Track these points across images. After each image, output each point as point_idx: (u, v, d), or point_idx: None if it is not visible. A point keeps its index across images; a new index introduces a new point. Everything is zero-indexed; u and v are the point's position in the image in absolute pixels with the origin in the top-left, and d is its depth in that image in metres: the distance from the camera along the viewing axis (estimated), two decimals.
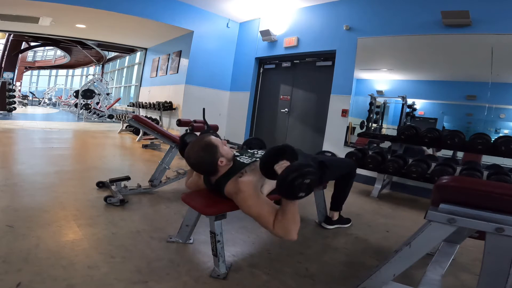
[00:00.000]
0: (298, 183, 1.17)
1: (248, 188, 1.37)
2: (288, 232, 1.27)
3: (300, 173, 1.18)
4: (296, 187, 1.18)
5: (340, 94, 4.33)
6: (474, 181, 1.16)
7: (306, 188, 1.21)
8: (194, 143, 1.48)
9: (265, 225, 1.32)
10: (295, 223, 1.28)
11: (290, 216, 1.28)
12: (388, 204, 3.02)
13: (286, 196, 1.24)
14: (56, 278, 1.25)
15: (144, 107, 7.32)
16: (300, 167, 1.20)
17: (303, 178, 1.18)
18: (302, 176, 1.18)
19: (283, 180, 1.19)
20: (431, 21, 3.49)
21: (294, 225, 1.28)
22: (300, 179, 1.18)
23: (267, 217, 1.32)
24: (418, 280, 1.36)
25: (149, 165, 3.77)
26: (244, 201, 1.36)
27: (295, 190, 1.19)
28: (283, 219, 1.28)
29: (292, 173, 1.18)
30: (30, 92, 20.03)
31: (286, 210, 1.28)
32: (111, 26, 6.44)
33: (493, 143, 2.69)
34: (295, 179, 1.17)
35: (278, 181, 1.21)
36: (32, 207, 2.00)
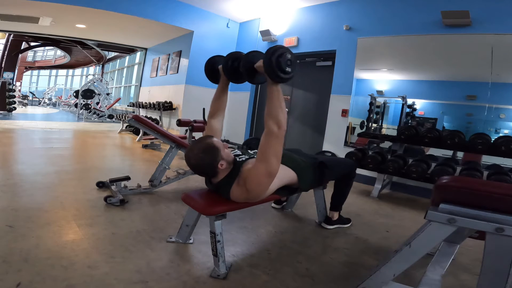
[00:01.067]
0: (282, 58, 1.29)
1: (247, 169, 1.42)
2: (278, 119, 1.33)
3: (281, 49, 1.30)
4: (281, 62, 1.29)
5: (340, 94, 4.33)
6: (474, 181, 1.16)
7: (291, 64, 1.32)
8: (194, 145, 1.48)
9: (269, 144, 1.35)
10: (282, 110, 1.35)
11: (277, 103, 1.34)
12: (388, 204, 3.02)
13: (275, 73, 1.30)
14: (56, 278, 1.25)
15: (144, 107, 7.33)
16: (278, 47, 1.31)
17: (285, 52, 1.30)
18: (283, 50, 1.30)
19: (269, 58, 1.28)
20: (431, 21, 3.49)
21: (282, 113, 1.34)
22: (283, 53, 1.29)
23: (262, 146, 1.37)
24: (418, 280, 1.36)
25: (149, 165, 3.77)
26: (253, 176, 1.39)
27: (281, 64, 1.29)
28: (272, 109, 1.34)
29: (275, 51, 1.28)
30: (30, 92, 20.02)
31: (273, 98, 1.35)
32: (111, 26, 6.44)
33: (493, 143, 2.69)
34: (279, 55, 1.28)
35: (264, 62, 1.30)
36: (32, 207, 2.00)
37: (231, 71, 1.62)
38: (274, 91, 1.35)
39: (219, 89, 1.76)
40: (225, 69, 1.63)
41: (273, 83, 1.35)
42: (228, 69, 1.62)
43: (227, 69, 1.62)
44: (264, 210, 2.39)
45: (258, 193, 1.43)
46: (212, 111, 1.75)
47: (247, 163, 1.50)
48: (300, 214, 2.42)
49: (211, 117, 1.75)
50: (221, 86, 1.75)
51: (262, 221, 2.18)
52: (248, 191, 1.41)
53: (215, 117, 1.74)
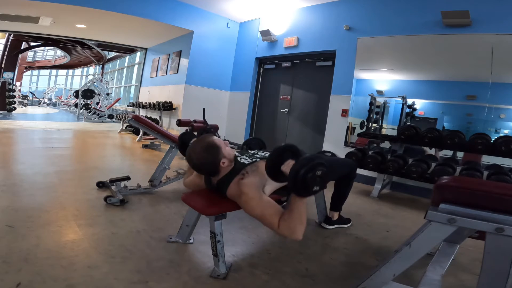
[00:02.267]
0: (310, 176, 1.15)
1: (250, 190, 1.37)
2: (293, 232, 1.25)
3: (310, 166, 1.16)
4: (309, 181, 1.16)
5: (340, 94, 4.33)
6: (474, 181, 1.16)
7: (320, 181, 1.19)
8: (196, 144, 1.47)
9: (269, 225, 1.31)
10: (301, 223, 1.26)
11: (297, 215, 1.25)
12: (388, 204, 3.02)
13: (301, 192, 1.20)
14: (56, 278, 1.25)
15: (144, 107, 7.32)
16: (309, 160, 1.18)
17: (315, 171, 1.17)
18: (313, 168, 1.16)
19: (295, 175, 1.16)
20: (431, 21, 3.49)
21: (300, 225, 1.25)
22: (312, 172, 1.16)
23: (270, 217, 1.30)
24: (418, 280, 1.36)
25: (149, 165, 3.77)
26: (247, 203, 1.36)
27: (308, 184, 1.16)
28: (290, 218, 1.25)
29: (303, 167, 1.15)
30: (30, 92, 20.03)
31: (294, 209, 1.25)
32: (111, 26, 6.43)
33: (493, 143, 2.69)
34: (307, 173, 1.15)
35: (290, 178, 1.18)
36: (32, 207, 2.00)
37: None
38: (298, 203, 1.25)
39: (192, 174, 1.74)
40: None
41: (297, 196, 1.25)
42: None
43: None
44: None
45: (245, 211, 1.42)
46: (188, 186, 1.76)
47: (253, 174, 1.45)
48: None
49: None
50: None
51: None
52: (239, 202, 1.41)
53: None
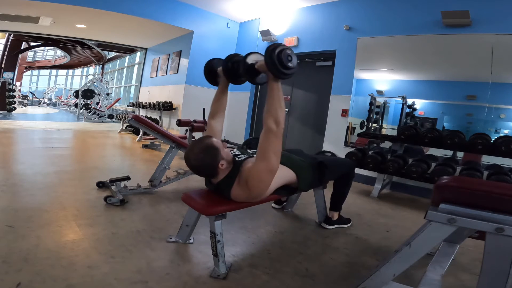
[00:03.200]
0: (283, 54, 1.31)
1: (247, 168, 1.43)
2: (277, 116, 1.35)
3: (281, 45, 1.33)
4: (283, 58, 1.31)
5: (340, 94, 4.33)
6: (474, 181, 1.16)
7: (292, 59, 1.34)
8: (194, 145, 1.48)
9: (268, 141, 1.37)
10: (281, 108, 1.36)
11: (277, 101, 1.36)
12: (388, 204, 3.02)
13: (277, 69, 1.32)
14: (56, 278, 1.25)
15: (144, 107, 7.33)
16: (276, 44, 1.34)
17: (285, 48, 1.33)
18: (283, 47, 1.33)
19: (269, 54, 1.30)
20: (431, 21, 3.49)
21: (281, 111, 1.36)
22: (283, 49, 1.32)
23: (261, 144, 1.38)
24: (418, 280, 1.36)
25: (149, 165, 3.77)
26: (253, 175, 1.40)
27: (282, 60, 1.31)
28: (271, 106, 1.35)
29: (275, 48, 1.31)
30: (30, 92, 20.03)
31: (273, 96, 1.36)
32: (111, 26, 6.44)
33: (493, 143, 2.69)
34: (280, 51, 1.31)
35: (266, 59, 1.32)
36: (32, 207, 2.00)
37: (231, 72, 1.64)
38: (274, 88, 1.37)
39: (219, 91, 1.78)
40: (225, 70, 1.65)
41: (274, 80, 1.37)
42: (229, 70, 1.64)
43: (227, 70, 1.64)
44: (264, 210, 2.39)
45: (260, 191, 1.44)
46: (213, 112, 1.77)
47: (247, 162, 1.50)
48: (300, 214, 2.42)
49: (212, 118, 1.76)
50: (221, 87, 1.78)
51: (262, 221, 2.18)
52: (250, 190, 1.42)
53: (215, 118, 1.76)
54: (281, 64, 1.32)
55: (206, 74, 1.82)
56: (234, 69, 1.64)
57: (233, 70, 1.64)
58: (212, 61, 1.81)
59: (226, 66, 1.64)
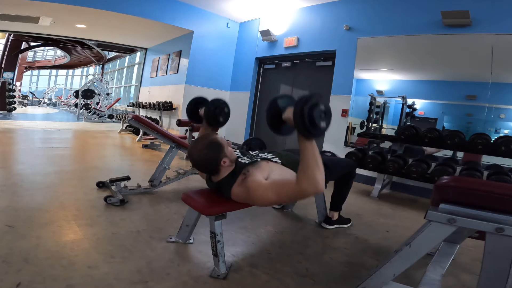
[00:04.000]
0: (316, 111, 1.10)
1: (256, 183, 1.37)
2: (315, 181, 1.15)
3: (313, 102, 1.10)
4: (315, 116, 1.10)
5: (340, 94, 4.33)
6: (474, 181, 1.16)
7: (325, 116, 1.14)
8: (198, 140, 1.48)
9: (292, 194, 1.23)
10: (319, 170, 1.16)
11: (313, 161, 1.15)
12: (388, 204, 3.02)
13: (309, 131, 1.12)
14: (56, 278, 1.25)
15: (144, 107, 7.33)
16: (310, 97, 1.11)
17: (318, 106, 1.11)
18: (316, 104, 1.10)
19: (301, 114, 1.09)
20: (431, 21, 3.49)
21: (319, 172, 1.16)
22: (316, 107, 1.10)
23: (287, 187, 1.24)
24: (418, 280, 1.36)
25: (149, 165, 3.77)
26: (259, 195, 1.35)
27: (315, 119, 1.10)
28: (306, 167, 1.16)
29: (306, 104, 1.09)
30: (30, 92, 20.04)
31: (308, 156, 1.15)
32: (111, 26, 6.44)
33: (493, 143, 2.69)
34: (312, 109, 1.09)
35: (297, 118, 1.11)
36: (32, 207, 2.00)
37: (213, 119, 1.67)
38: (308, 148, 1.17)
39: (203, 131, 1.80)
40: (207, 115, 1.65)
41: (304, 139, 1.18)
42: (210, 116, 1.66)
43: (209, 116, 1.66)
44: (264, 210, 2.39)
45: (258, 204, 1.45)
46: None
47: (254, 171, 1.45)
48: (300, 214, 2.42)
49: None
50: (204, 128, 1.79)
51: (262, 221, 2.18)
52: (251, 200, 1.41)
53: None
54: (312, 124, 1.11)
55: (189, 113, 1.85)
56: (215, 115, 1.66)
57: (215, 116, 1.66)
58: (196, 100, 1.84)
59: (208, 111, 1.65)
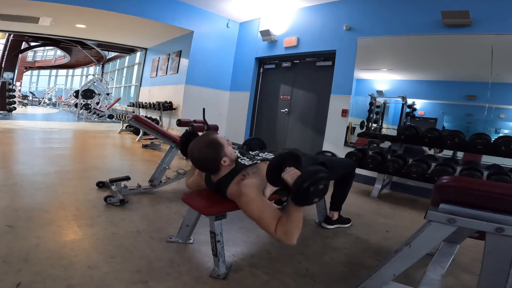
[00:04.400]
0: (313, 189, 1.19)
1: (250, 191, 1.37)
2: (290, 236, 1.26)
3: (314, 180, 1.19)
4: (311, 194, 1.20)
5: (340, 94, 4.33)
6: (474, 181, 1.16)
7: (320, 194, 1.25)
8: (199, 139, 1.48)
9: (266, 228, 1.32)
10: (298, 229, 1.28)
11: (295, 222, 1.27)
12: (388, 204, 3.02)
13: (301, 203, 1.24)
14: (56, 278, 1.25)
15: (144, 107, 7.32)
16: (313, 175, 1.20)
17: (318, 185, 1.21)
18: (316, 183, 1.20)
19: (298, 189, 1.20)
20: (431, 21, 3.49)
21: (297, 231, 1.28)
22: (315, 186, 1.20)
23: (268, 220, 1.31)
24: (418, 280, 1.36)
25: (149, 165, 3.77)
26: (247, 204, 1.36)
27: (310, 197, 1.21)
28: (288, 223, 1.27)
29: (306, 182, 1.19)
30: (30, 92, 20.03)
31: (293, 216, 1.27)
32: (111, 26, 6.43)
33: (493, 143, 2.69)
34: (310, 186, 1.19)
35: (294, 190, 1.22)
36: (32, 207, 2.00)
37: None
38: (296, 211, 1.28)
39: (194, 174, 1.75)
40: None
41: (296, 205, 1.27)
42: None
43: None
44: None
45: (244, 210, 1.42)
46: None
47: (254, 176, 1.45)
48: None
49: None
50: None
51: None
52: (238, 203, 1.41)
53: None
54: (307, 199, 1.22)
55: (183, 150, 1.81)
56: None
57: None
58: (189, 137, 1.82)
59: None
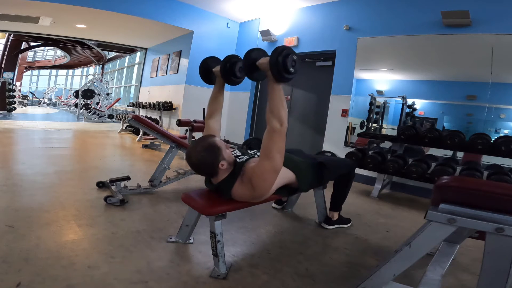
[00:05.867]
0: (288, 59, 1.32)
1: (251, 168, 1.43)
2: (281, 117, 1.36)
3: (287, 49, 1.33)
4: (287, 63, 1.32)
5: (340, 94, 4.33)
6: (474, 181, 1.16)
7: (295, 64, 1.36)
8: (196, 143, 1.48)
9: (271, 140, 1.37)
10: (284, 108, 1.38)
11: (279, 102, 1.37)
12: (388, 204, 3.02)
13: (280, 73, 1.33)
14: (56, 278, 1.25)
15: (144, 107, 7.33)
16: (284, 47, 1.34)
17: (291, 53, 1.34)
18: (289, 51, 1.33)
19: (275, 57, 1.31)
20: (431, 21, 3.49)
21: (283, 111, 1.38)
22: (289, 53, 1.33)
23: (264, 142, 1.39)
24: (418, 280, 1.36)
25: (149, 165, 3.77)
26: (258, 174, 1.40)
27: (287, 65, 1.33)
28: (274, 107, 1.37)
29: (281, 51, 1.32)
30: (30, 92, 20.04)
31: (276, 97, 1.37)
32: (111, 26, 6.44)
33: (493, 143, 2.69)
34: (285, 55, 1.32)
35: (271, 61, 1.33)
36: (32, 207, 2.00)
37: (229, 73, 1.66)
38: (275, 89, 1.38)
39: (216, 90, 1.80)
40: (223, 70, 1.66)
41: (275, 82, 1.38)
42: (226, 71, 1.65)
43: (225, 71, 1.65)
44: (264, 210, 2.39)
45: (263, 190, 1.45)
46: (210, 112, 1.79)
47: (250, 162, 1.51)
48: (300, 214, 2.42)
49: (209, 118, 1.78)
50: (218, 87, 1.79)
51: (262, 221, 2.18)
52: (254, 189, 1.42)
53: (213, 118, 1.78)
54: (285, 69, 1.33)
55: (202, 73, 1.83)
56: (231, 70, 1.66)
57: (231, 71, 1.66)
58: (207, 60, 1.82)
59: (224, 67, 1.65)
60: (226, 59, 1.66)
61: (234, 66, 1.65)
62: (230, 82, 1.71)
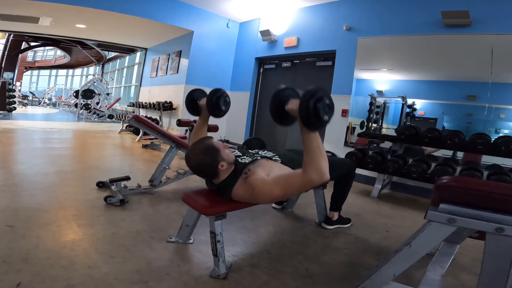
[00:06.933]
0: (321, 105, 1.13)
1: (259, 180, 1.39)
2: (322, 171, 1.19)
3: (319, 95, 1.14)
4: (320, 110, 1.13)
5: (340, 94, 4.32)
6: (474, 181, 1.16)
7: (329, 110, 1.17)
8: (194, 146, 1.48)
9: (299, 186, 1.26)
10: (324, 159, 1.20)
11: (318, 152, 1.19)
12: (388, 204, 3.02)
13: (313, 122, 1.15)
14: (56, 278, 1.25)
15: (144, 107, 7.33)
16: (316, 91, 1.14)
17: (323, 99, 1.14)
18: (321, 97, 1.14)
19: (306, 105, 1.13)
20: (431, 21, 3.49)
21: (324, 161, 1.20)
22: (321, 100, 1.14)
23: (293, 180, 1.27)
24: (418, 280, 1.36)
25: (149, 165, 3.77)
26: (264, 191, 1.36)
27: (319, 113, 1.13)
28: (312, 158, 1.20)
29: (313, 97, 1.13)
30: (30, 92, 20.04)
31: (313, 146, 1.19)
32: (111, 26, 6.43)
33: (493, 143, 2.69)
34: (317, 101, 1.12)
35: (301, 111, 1.14)
36: (32, 207, 2.00)
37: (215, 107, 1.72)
38: (312, 138, 1.20)
39: (201, 123, 1.85)
40: (209, 104, 1.71)
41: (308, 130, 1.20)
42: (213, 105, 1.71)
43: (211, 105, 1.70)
44: (264, 210, 2.39)
45: (263, 202, 1.46)
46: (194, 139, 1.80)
47: (257, 169, 1.46)
48: (300, 214, 2.42)
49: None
50: (203, 119, 1.85)
51: (262, 221, 2.18)
52: (254, 198, 1.42)
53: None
54: (316, 117, 1.14)
55: (188, 105, 1.89)
56: (217, 104, 1.72)
57: (217, 105, 1.72)
58: (193, 93, 1.89)
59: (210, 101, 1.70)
60: (212, 93, 1.71)
61: (219, 99, 1.71)
62: (215, 115, 1.77)
